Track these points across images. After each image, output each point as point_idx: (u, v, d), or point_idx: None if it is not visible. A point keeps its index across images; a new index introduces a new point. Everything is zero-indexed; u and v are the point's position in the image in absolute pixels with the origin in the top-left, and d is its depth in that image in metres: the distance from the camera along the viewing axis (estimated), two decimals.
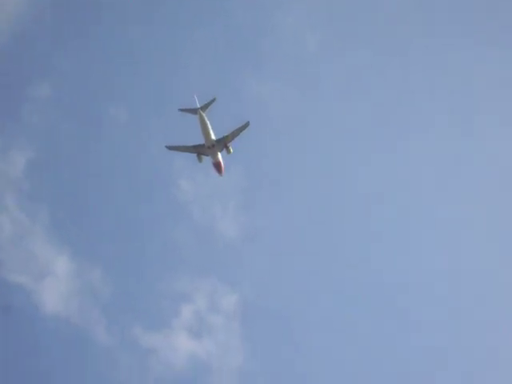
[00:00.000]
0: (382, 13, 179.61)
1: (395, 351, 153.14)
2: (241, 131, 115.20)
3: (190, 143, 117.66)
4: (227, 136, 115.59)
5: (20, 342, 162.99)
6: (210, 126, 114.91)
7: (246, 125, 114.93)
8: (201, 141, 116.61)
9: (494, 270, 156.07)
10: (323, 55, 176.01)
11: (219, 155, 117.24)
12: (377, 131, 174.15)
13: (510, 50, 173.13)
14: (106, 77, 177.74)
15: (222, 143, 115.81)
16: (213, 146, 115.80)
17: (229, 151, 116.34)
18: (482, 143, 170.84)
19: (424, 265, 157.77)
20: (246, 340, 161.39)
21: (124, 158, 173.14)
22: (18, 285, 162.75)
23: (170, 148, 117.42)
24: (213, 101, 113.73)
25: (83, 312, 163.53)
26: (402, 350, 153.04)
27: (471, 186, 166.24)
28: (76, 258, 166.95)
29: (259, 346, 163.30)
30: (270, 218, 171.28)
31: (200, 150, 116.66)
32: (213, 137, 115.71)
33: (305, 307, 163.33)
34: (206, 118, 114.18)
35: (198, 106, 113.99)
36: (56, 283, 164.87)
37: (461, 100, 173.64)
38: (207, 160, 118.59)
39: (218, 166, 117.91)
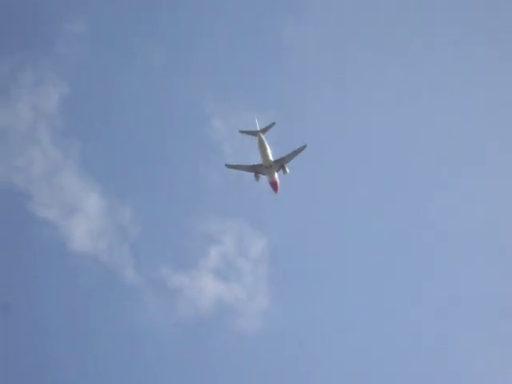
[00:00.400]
0: None
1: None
2: (297, 153, 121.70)
3: (249, 162, 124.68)
4: (284, 157, 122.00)
5: (46, 277, 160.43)
6: (268, 148, 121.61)
7: (303, 147, 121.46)
8: (259, 161, 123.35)
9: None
10: None
11: (276, 174, 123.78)
12: None
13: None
14: (142, 15, 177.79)
15: (279, 164, 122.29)
16: (270, 166, 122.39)
17: (285, 171, 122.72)
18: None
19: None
20: (273, 284, 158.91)
21: (157, 95, 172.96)
22: (47, 220, 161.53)
23: (230, 166, 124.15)
24: (272, 124, 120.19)
25: (111, 251, 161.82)
26: None
27: None
28: (106, 196, 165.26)
29: (286, 291, 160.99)
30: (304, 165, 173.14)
31: (258, 170, 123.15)
32: (271, 158, 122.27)
33: (332, 254, 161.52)
34: (265, 141, 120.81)
35: (258, 128, 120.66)
36: (85, 220, 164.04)
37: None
38: (264, 178, 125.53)
39: (274, 184, 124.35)
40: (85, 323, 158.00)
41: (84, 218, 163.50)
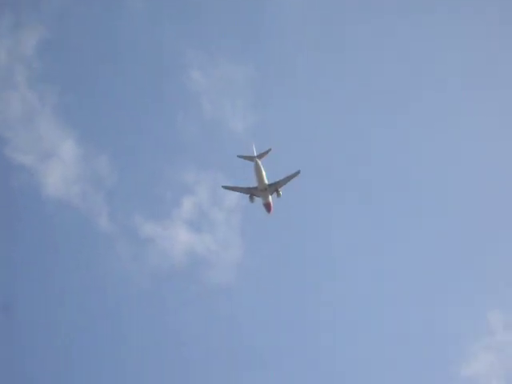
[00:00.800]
0: None
1: None
2: (291, 179, 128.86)
3: (245, 184, 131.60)
4: (279, 182, 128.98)
5: (21, 222, 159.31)
6: (264, 173, 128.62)
7: (297, 173, 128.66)
8: (254, 184, 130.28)
9: None
10: None
11: (270, 197, 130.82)
12: None
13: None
14: None
15: (274, 188, 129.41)
16: (265, 189, 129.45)
17: (279, 194, 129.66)
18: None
19: None
20: (246, 236, 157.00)
21: (137, 43, 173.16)
22: (22, 165, 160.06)
23: (226, 187, 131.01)
24: (268, 151, 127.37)
25: (86, 197, 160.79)
26: None
27: None
28: (82, 143, 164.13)
29: (259, 243, 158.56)
30: (280, 116, 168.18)
31: (253, 192, 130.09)
32: (266, 181, 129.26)
33: (306, 209, 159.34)
34: (261, 166, 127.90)
35: (255, 154, 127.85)
36: (60, 166, 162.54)
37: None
38: (258, 200, 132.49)
39: (267, 206, 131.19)
40: (57, 268, 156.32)
41: (60, 164, 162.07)
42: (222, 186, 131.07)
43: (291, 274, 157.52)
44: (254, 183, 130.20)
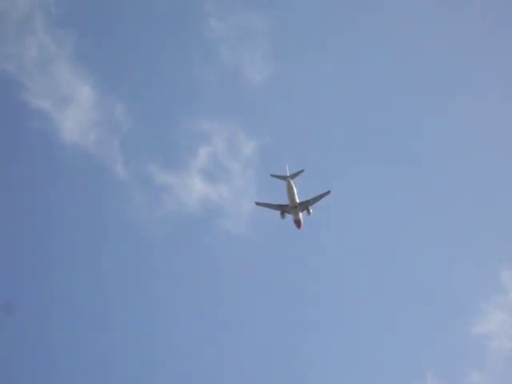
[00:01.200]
0: None
1: None
2: (321, 198, 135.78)
3: (277, 201, 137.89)
4: (309, 201, 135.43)
5: (36, 167, 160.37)
6: (295, 192, 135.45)
7: (327, 193, 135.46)
8: (286, 201, 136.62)
9: None
10: None
11: (300, 214, 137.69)
12: None
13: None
14: None
15: (304, 206, 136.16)
16: (296, 207, 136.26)
17: (309, 213, 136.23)
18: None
19: None
20: (261, 188, 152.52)
21: None
22: (39, 110, 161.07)
23: (259, 204, 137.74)
24: (301, 171, 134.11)
25: (102, 144, 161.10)
26: None
27: None
28: (100, 89, 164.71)
29: (273, 195, 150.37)
30: (298, 70, 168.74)
31: (284, 209, 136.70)
32: (297, 200, 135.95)
33: (325, 161, 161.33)
34: (293, 185, 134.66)
35: (288, 174, 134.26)
36: (77, 112, 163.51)
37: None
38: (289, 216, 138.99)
39: (298, 222, 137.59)
40: (72, 215, 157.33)
41: (76, 109, 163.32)
42: (255, 203, 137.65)
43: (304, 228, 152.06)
44: (285, 201, 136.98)
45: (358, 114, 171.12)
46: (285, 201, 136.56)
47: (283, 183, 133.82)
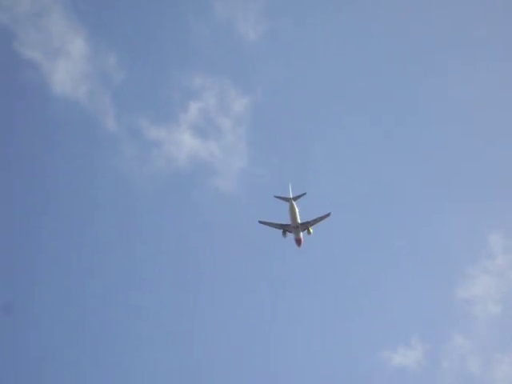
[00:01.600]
0: None
1: None
2: (322, 219, 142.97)
3: (279, 220, 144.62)
4: (310, 221, 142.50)
5: (27, 118, 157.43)
6: (297, 213, 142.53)
7: (327, 215, 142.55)
8: (287, 221, 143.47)
9: None
10: None
11: (301, 234, 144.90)
12: None
13: None
14: None
15: (305, 226, 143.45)
16: (297, 227, 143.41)
17: (309, 232, 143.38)
18: None
19: None
20: (252, 145, 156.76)
21: None
22: (30, 60, 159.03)
23: (262, 222, 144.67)
24: (303, 194, 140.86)
25: (93, 96, 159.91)
26: None
27: None
28: (92, 41, 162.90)
29: (264, 153, 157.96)
30: (293, 26, 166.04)
31: (286, 228, 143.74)
32: (299, 220, 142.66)
33: (318, 120, 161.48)
34: (295, 207, 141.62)
35: (291, 196, 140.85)
36: (69, 64, 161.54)
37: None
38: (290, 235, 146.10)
39: (298, 241, 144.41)
40: (62, 166, 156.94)
41: (68, 61, 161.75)
42: (259, 221, 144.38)
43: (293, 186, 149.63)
44: (287, 220, 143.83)
45: (353, 71, 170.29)
46: (286, 219, 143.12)
47: (273, 144, 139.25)
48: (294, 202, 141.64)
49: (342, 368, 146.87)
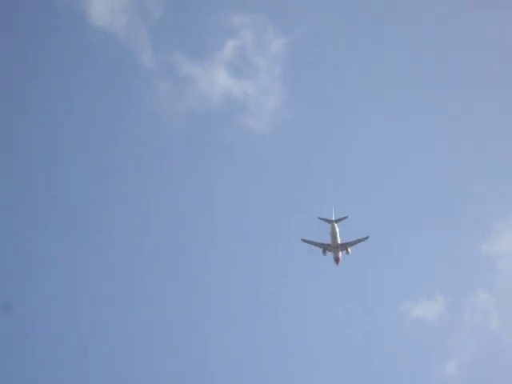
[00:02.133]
0: None
1: None
2: (360, 242, 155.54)
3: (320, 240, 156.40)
4: (349, 243, 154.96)
5: (63, 49, 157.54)
6: (338, 234, 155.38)
7: (365, 238, 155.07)
8: (328, 241, 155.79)
9: None
10: None
11: (340, 253, 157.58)
12: None
13: None
14: None
15: (344, 247, 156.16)
16: (337, 247, 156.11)
17: (348, 252, 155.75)
18: None
19: None
20: (287, 86, 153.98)
21: None
22: None
23: (305, 241, 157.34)
24: (345, 217, 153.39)
25: (130, 30, 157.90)
26: None
27: None
28: None
29: (300, 94, 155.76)
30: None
31: (326, 247, 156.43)
32: (339, 241, 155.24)
33: (355, 61, 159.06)
34: (337, 229, 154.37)
35: (333, 218, 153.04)
36: None
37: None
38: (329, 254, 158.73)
39: (337, 260, 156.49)
40: (94, 100, 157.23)
41: None
42: (301, 239, 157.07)
43: (326, 128, 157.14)
44: (327, 239, 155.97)
45: (394, 14, 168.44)
46: (327, 238, 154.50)
47: (307, 86, 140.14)
48: (335, 225, 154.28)
49: (363, 316, 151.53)
